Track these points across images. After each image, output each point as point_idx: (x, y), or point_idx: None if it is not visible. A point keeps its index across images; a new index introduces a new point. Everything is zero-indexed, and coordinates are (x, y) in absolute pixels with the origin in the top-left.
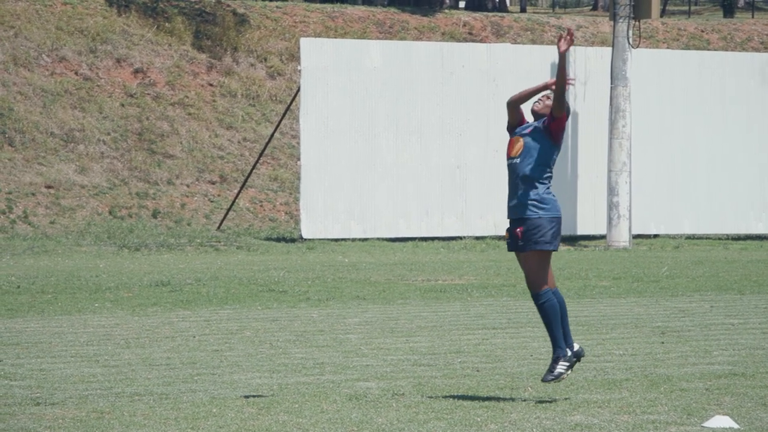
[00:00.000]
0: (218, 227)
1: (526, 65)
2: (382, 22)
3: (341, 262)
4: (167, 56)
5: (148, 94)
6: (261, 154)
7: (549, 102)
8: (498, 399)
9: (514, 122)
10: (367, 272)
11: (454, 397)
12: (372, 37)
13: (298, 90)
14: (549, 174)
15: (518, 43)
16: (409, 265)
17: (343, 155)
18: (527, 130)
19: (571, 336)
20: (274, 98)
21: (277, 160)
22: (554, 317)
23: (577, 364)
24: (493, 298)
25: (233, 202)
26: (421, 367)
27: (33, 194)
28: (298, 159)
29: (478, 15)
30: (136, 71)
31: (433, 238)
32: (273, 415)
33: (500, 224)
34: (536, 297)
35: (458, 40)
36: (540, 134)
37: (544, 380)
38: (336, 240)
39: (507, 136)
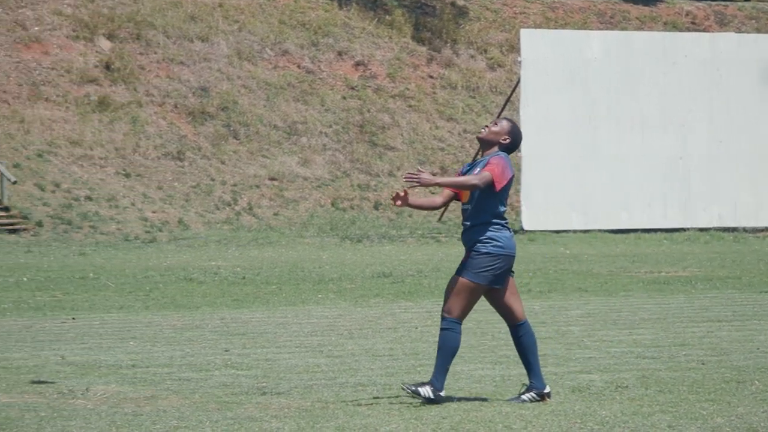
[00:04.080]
0: (439, 219)
1: (751, 55)
2: (603, 12)
3: (562, 254)
4: (388, 49)
5: (369, 86)
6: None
7: (495, 128)
8: (724, 392)
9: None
10: (588, 264)
11: (678, 390)
12: (592, 28)
13: (518, 81)
14: (498, 214)
15: (743, 32)
16: (631, 256)
17: (563, 147)
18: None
19: (444, 378)
20: (494, 90)
21: None
22: (446, 349)
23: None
24: (717, 290)
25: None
26: (644, 360)
27: (257, 186)
28: (518, 151)
29: (700, 4)
30: (357, 64)
31: (655, 230)
32: (496, 406)
33: (725, 215)
34: (442, 320)
35: (680, 30)
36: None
37: (405, 385)
38: (557, 231)
39: (730, 127)
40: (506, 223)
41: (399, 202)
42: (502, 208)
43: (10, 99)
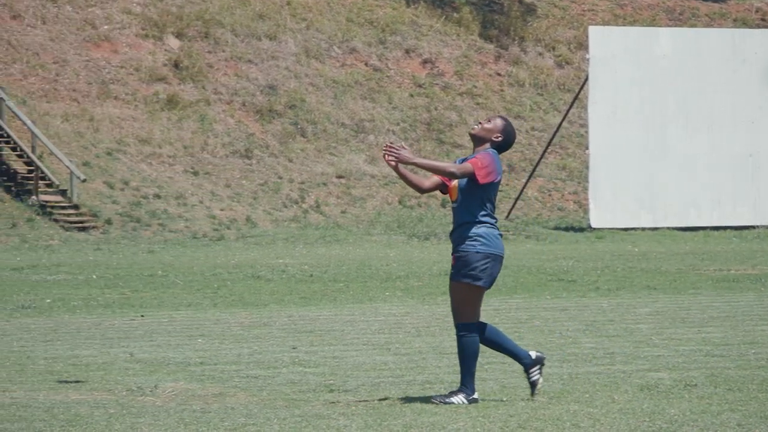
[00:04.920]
0: (507, 216)
1: None
2: (672, 9)
3: (631, 252)
4: (455, 46)
5: (437, 84)
6: (549, 143)
7: (488, 126)
8: None
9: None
10: (657, 262)
11: (747, 388)
12: (661, 25)
13: (587, 79)
14: (486, 213)
15: None
16: (700, 254)
17: (631, 144)
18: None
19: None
20: (562, 87)
21: (566, 149)
22: (468, 355)
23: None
24: None
25: (521, 191)
26: (713, 358)
27: (324, 184)
28: (587, 148)
29: None
30: (425, 61)
31: (724, 227)
32: (564, 404)
33: None
34: (456, 328)
35: (750, 26)
36: (469, 184)
37: (432, 399)
38: (625, 229)
39: None
40: (495, 223)
41: (391, 161)
42: (490, 208)
43: (80, 97)
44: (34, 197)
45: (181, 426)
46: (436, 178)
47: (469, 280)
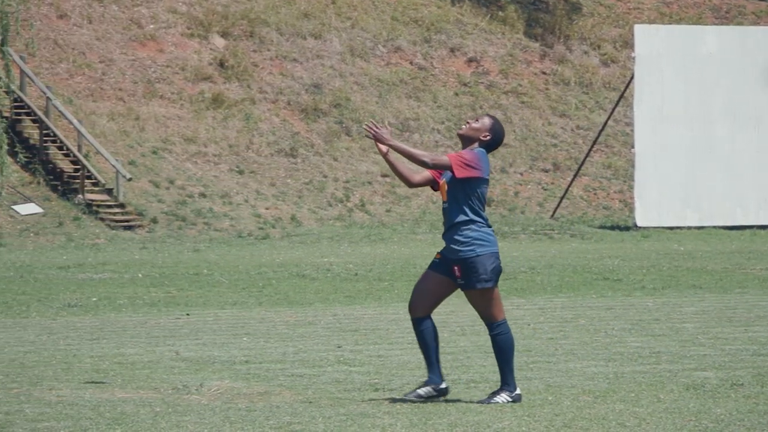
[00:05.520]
0: (552, 215)
1: None
2: (718, 7)
3: (676, 251)
4: (500, 45)
5: (482, 82)
6: (594, 142)
7: (476, 125)
8: None
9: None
10: (703, 261)
11: None
12: (707, 23)
13: (632, 77)
14: (477, 213)
15: None
16: (746, 253)
17: (677, 143)
18: (448, 176)
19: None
20: (607, 86)
21: (611, 148)
22: (505, 351)
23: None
24: None
25: (566, 190)
26: (760, 357)
27: (369, 183)
28: (632, 147)
29: None
30: (470, 60)
31: None
32: (609, 403)
33: None
34: (489, 327)
35: None
36: (453, 181)
37: (482, 401)
38: (671, 228)
39: None
40: (487, 222)
41: (382, 148)
42: (480, 207)
43: (126, 97)
44: (80, 196)
45: (226, 424)
46: (426, 174)
47: (482, 285)
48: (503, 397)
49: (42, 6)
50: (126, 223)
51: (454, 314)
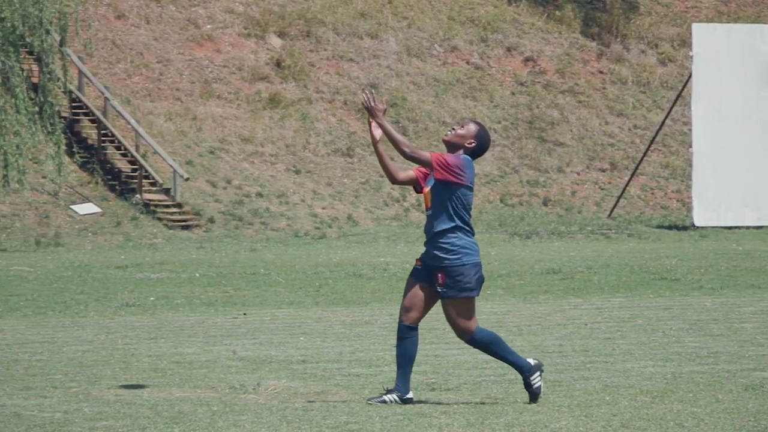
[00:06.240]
0: (609, 215)
1: None
2: None
3: (735, 250)
4: (557, 44)
5: (538, 82)
6: (652, 141)
7: (461, 131)
8: None
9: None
10: (762, 260)
11: None
12: (766, 21)
13: (690, 76)
14: (461, 221)
15: None
16: None
17: (735, 142)
18: (431, 182)
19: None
20: (665, 85)
21: (669, 147)
22: (496, 348)
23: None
24: None
25: (624, 189)
26: None
27: None
28: (690, 146)
29: None
30: (527, 60)
31: None
32: (667, 404)
33: None
34: (469, 342)
35: None
36: (438, 183)
37: (531, 401)
38: (729, 228)
39: None
40: (471, 229)
41: (375, 134)
42: (465, 214)
43: (183, 97)
44: (137, 196)
45: (283, 424)
46: (411, 173)
47: (466, 294)
48: (535, 382)
49: (100, 6)
50: (183, 223)
51: (511, 314)
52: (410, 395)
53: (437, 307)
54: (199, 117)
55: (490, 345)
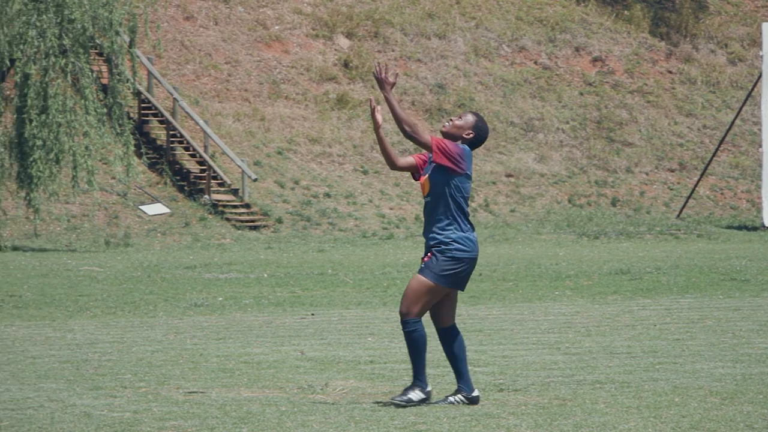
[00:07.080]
0: (678, 215)
1: None
2: None
3: None
4: (626, 44)
5: (607, 82)
6: (721, 141)
7: (459, 123)
8: None
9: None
10: None
11: None
12: None
13: (760, 76)
14: (459, 211)
15: None
16: None
17: None
18: (429, 170)
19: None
20: (734, 85)
21: (738, 147)
22: (417, 349)
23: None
24: None
25: (693, 189)
26: None
27: (494, 183)
28: (760, 146)
29: None
30: (595, 60)
31: None
32: (737, 405)
33: None
34: (403, 323)
35: None
36: (436, 170)
37: (392, 399)
38: None
39: None
40: (468, 222)
41: (378, 119)
42: (463, 205)
43: (251, 97)
44: (206, 196)
45: (351, 424)
46: (411, 160)
47: (429, 277)
48: (416, 394)
49: (169, 8)
50: (251, 223)
51: (579, 314)
52: (475, 393)
53: (504, 309)
54: (268, 118)
55: (415, 347)
